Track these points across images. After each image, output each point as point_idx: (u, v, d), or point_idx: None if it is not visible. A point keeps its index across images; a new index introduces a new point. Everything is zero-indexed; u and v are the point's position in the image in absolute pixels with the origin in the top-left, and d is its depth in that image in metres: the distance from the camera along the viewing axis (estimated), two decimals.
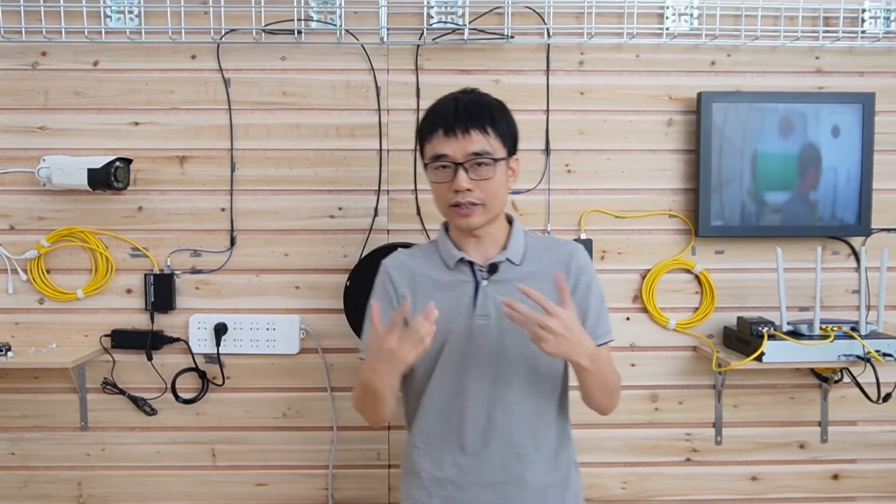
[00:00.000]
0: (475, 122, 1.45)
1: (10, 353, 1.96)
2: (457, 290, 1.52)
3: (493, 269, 1.51)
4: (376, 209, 2.06)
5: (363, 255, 2.04)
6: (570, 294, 1.42)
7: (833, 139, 2.04)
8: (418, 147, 1.55)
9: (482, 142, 1.45)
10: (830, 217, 2.06)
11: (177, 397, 2.07)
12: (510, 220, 1.59)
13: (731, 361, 1.93)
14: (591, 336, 1.46)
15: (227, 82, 2.05)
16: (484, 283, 1.51)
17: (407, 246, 1.95)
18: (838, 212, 2.05)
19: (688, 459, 2.15)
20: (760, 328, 1.93)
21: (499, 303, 1.45)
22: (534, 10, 2.03)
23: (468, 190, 1.45)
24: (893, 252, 2.05)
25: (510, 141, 1.51)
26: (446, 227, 1.58)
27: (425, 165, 1.52)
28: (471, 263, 1.53)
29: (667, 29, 2.05)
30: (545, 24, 2.03)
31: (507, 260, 1.52)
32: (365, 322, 1.57)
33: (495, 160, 1.46)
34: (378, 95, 2.05)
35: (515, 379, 1.50)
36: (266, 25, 2.01)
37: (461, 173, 1.44)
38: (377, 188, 2.06)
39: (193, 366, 2.07)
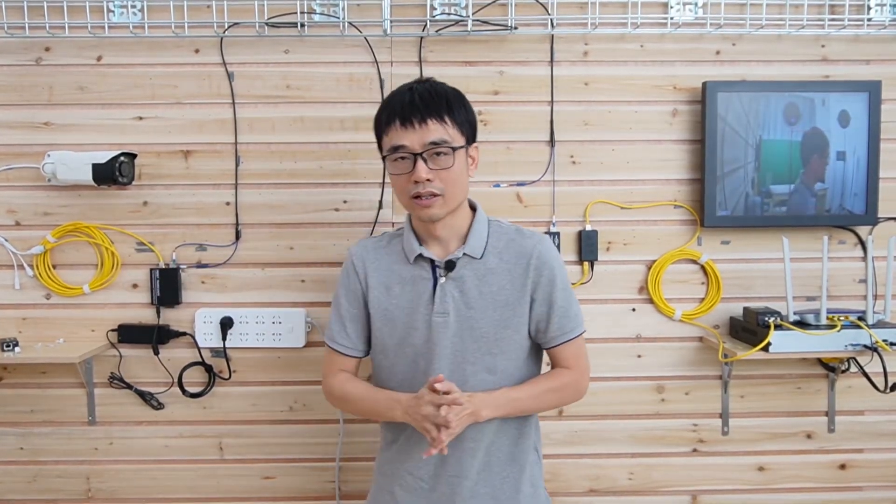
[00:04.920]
0: (431, 111, 1.45)
1: (17, 349, 1.96)
2: (417, 285, 1.53)
3: (450, 265, 1.51)
4: (381, 202, 2.06)
5: None
6: (533, 289, 1.49)
7: (839, 128, 2.03)
8: (376, 140, 1.55)
9: (440, 131, 1.45)
10: (837, 206, 2.04)
11: (184, 391, 2.07)
12: (474, 208, 1.58)
13: (738, 352, 1.93)
14: (558, 332, 1.52)
15: (230, 76, 2.05)
16: (442, 280, 1.51)
17: None
18: (845, 201, 2.04)
19: (695, 450, 2.15)
20: (767, 318, 1.92)
21: (457, 299, 1.48)
22: (537, 1, 2.02)
23: (428, 180, 1.45)
24: None
25: (468, 129, 1.51)
26: (410, 218, 1.58)
27: (383, 158, 1.52)
28: (431, 259, 1.52)
29: (671, 18, 2.04)
30: (549, 14, 2.02)
31: (466, 255, 1.51)
32: (332, 310, 1.62)
33: (454, 149, 1.46)
34: (382, 88, 2.04)
35: (471, 377, 1.51)
36: (269, 19, 2.00)
37: (420, 164, 1.44)
38: (382, 181, 2.06)
39: (200, 360, 2.07)
